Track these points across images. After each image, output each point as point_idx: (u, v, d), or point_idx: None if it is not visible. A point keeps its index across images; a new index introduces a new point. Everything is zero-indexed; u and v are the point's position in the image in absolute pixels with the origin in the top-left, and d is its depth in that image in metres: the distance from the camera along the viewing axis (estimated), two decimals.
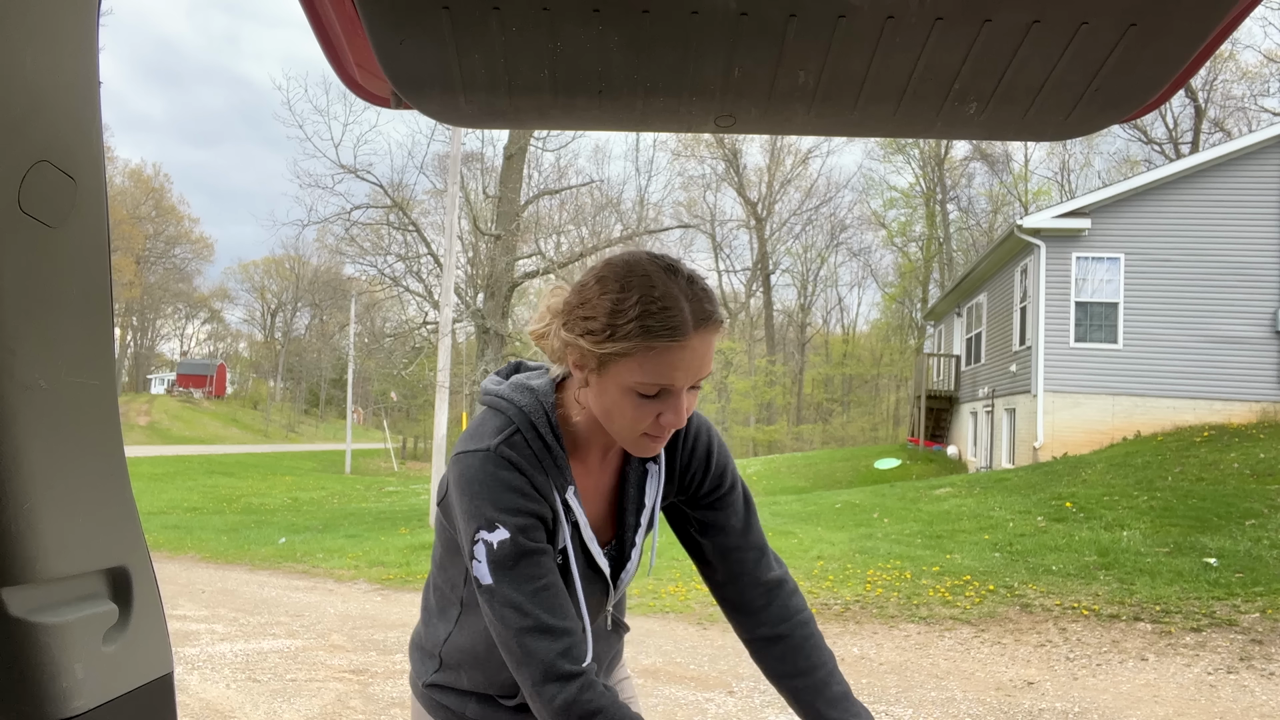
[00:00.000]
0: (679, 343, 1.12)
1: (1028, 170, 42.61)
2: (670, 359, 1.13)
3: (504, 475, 1.19)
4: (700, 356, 1.15)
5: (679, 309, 1.13)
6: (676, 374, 1.14)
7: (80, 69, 0.76)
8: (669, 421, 1.17)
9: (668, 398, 1.16)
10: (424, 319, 19.99)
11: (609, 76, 0.96)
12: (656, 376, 1.13)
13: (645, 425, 1.18)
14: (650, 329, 1.11)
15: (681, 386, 1.16)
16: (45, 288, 0.72)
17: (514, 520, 1.17)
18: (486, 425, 1.24)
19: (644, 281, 1.14)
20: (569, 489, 1.26)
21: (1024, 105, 1.00)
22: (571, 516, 1.27)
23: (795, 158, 46.75)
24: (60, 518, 0.73)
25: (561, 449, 1.25)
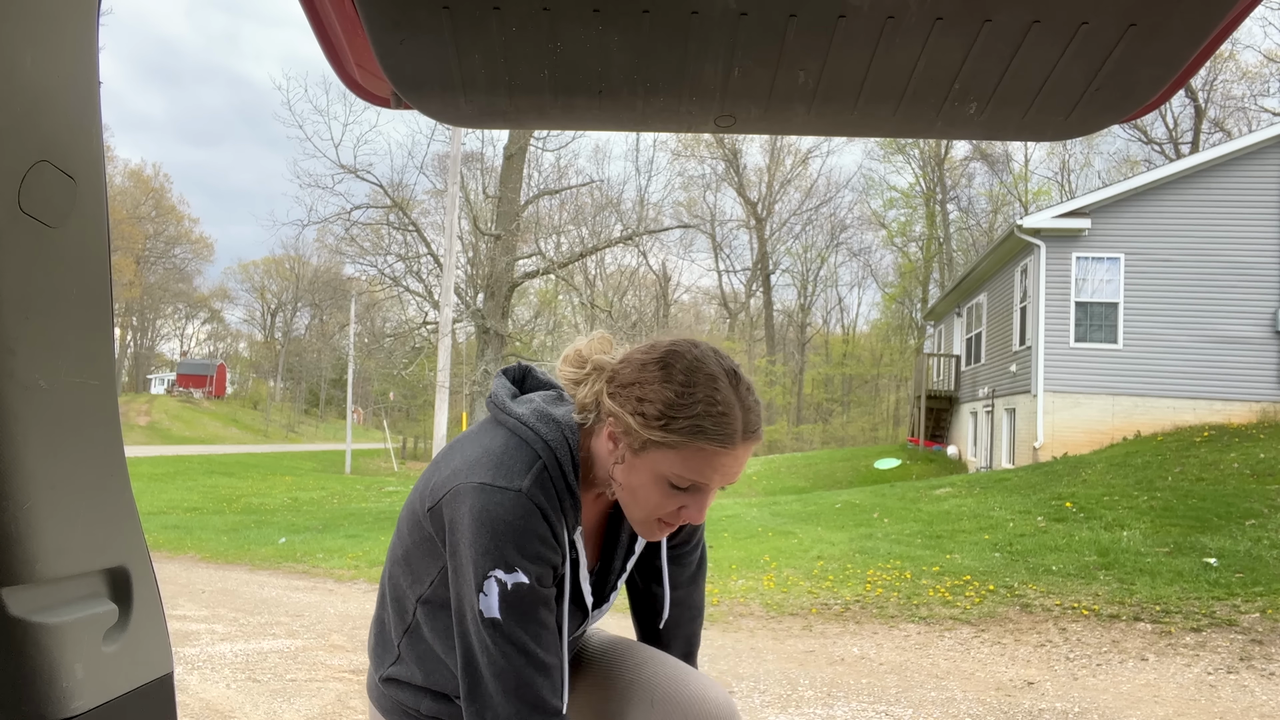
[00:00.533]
0: (727, 449, 1.15)
1: (1028, 170, 42.62)
2: (714, 462, 1.15)
3: (533, 523, 1.18)
4: (739, 464, 1.18)
5: (735, 418, 1.15)
6: (715, 476, 1.16)
7: (80, 69, 0.76)
8: (689, 516, 1.20)
9: (696, 494, 1.18)
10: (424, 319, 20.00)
11: (609, 76, 0.96)
12: (696, 474, 1.15)
13: (665, 514, 1.20)
14: (705, 431, 1.13)
15: (714, 487, 1.19)
16: (45, 288, 0.72)
17: (534, 569, 1.18)
18: (515, 459, 1.21)
19: (709, 384, 1.15)
20: (577, 529, 1.27)
21: (1024, 105, 1.00)
22: (574, 554, 1.29)
23: (795, 158, 46.75)
24: (60, 518, 0.73)
25: (575, 495, 1.25)
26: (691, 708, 1.29)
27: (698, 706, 1.29)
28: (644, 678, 1.38)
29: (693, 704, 1.30)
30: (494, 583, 1.17)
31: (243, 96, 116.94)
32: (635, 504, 1.21)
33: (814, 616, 6.42)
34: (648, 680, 1.37)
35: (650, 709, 1.32)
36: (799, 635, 5.99)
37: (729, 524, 10.54)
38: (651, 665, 1.40)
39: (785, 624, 6.27)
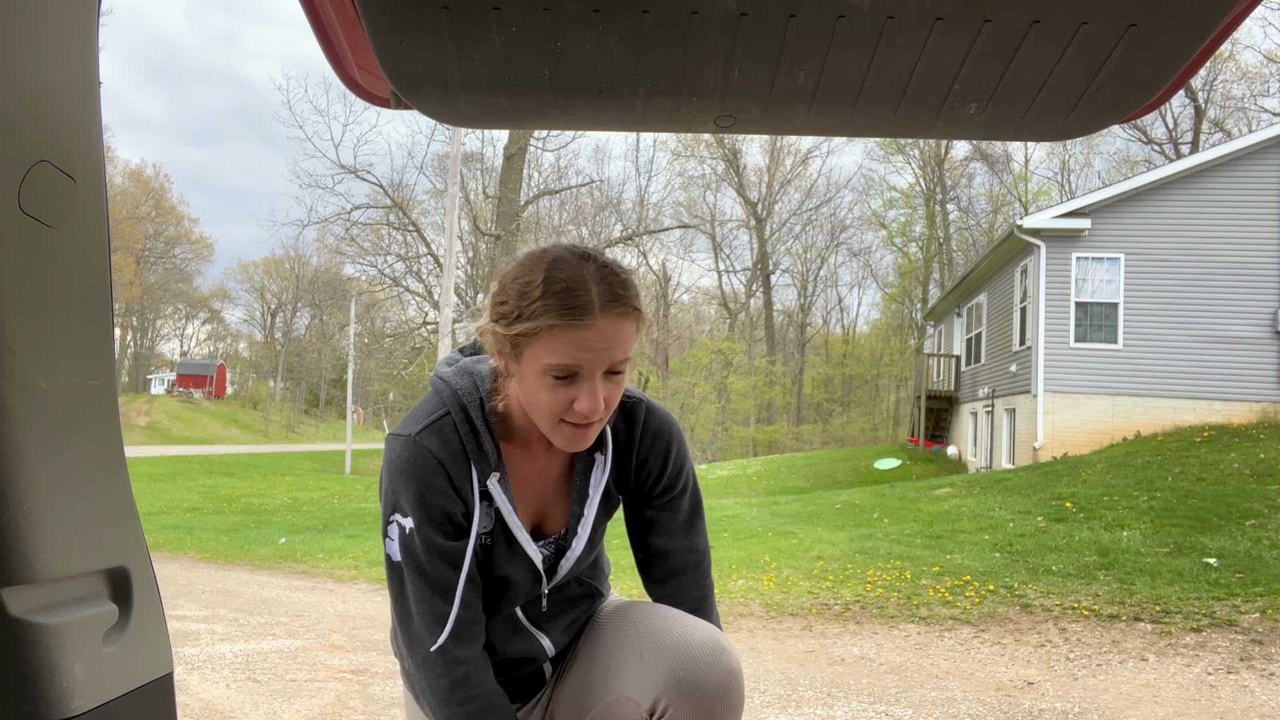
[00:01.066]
0: (583, 322, 1.12)
1: (1028, 170, 42.62)
2: (575, 337, 1.13)
3: (418, 468, 1.23)
4: (609, 338, 1.15)
5: (585, 290, 1.13)
6: (583, 355, 1.14)
7: (80, 69, 0.76)
8: (583, 408, 1.16)
9: (581, 382, 1.16)
10: (424, 319, 20.00)
11: (609, 76, 0.96)
12: (564, 356, 1.14)
13: (561, 411, 1.18)
14: (552, 308, 1.12)
15: (592, 370, 1.16)
16: (45, 288, 0.72)
17: (421, 513, 1.23)
18: (421, 408, 1.29)
19: (553, 265, 1.15)
20: (492, 476, 1.28)
21: (1024, 105, 1.00)
22: (493, 503, 1.29)
23: (795, 158, 46.74)
24: (60, 518, 0.73)
25: (491, 435, 1.27)
26: (674, 653, 1.28)
27: (681, 650, 1.28)
28: (632, 630, 1.38)
29: (675, 649, 1.29)
30: (395, 526, 1.25)
31: (242, 96, 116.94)
32: (534, 411, 1.21)
33: (814, 616, 6.42)
34: (636, 632, 1.37)
35: (640, 660, 1.32)
36: (799, 635, 5.98)
37: (729, 524, 10.54)
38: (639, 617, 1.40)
39: (785, 624, 6.27)
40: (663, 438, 1.41)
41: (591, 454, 1.37)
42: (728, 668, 1.30)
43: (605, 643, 1.42)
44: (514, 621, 1.42)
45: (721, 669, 1.28)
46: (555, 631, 1.45)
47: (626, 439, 1.40)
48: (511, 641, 1.41)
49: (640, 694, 1.30)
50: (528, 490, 1.35)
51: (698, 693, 1.26)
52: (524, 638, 1.42)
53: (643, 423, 1.41)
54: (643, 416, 1.41)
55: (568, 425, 1.20)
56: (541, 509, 1.38)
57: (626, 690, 1.32)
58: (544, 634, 1.44)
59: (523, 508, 1.35)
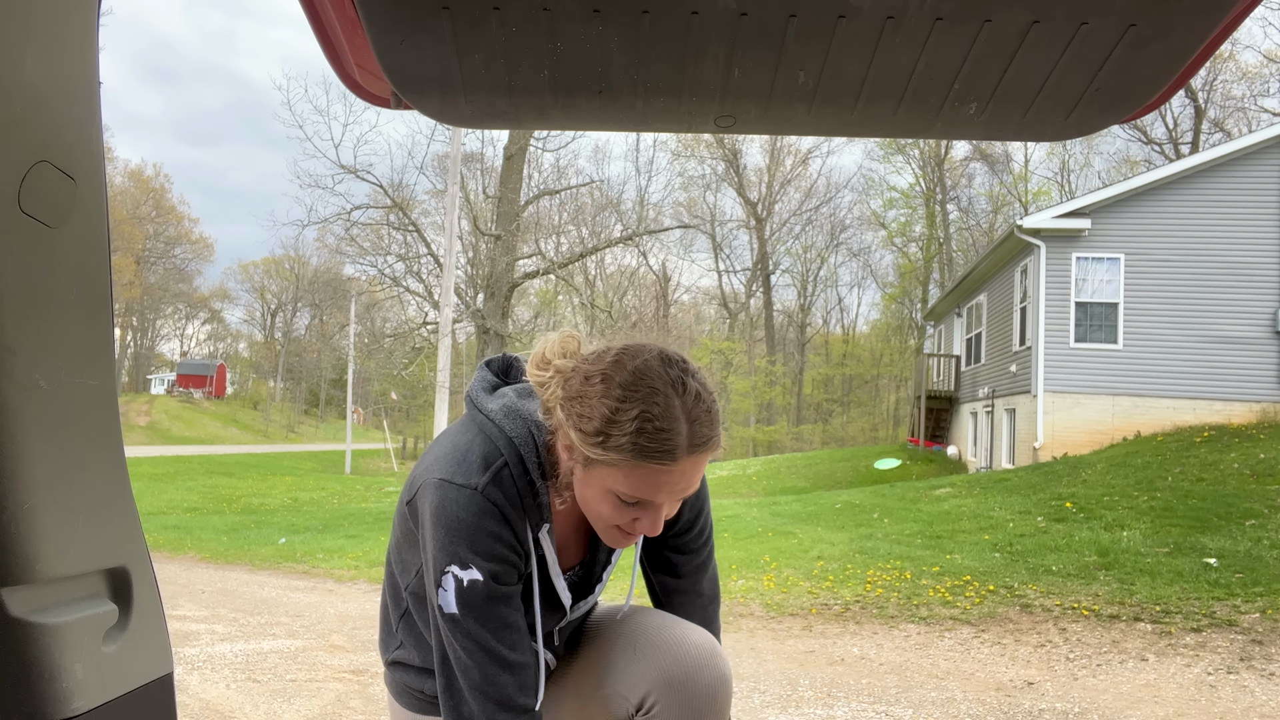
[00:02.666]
0: (667, 467, 1.09)
1: (1028, 170, 42.61)
2: (657, 480, 1.11)
3: (487, 522, 1.18)
4: (688, 478, 1.13)
5: (676, 432, 1.09)
6: (660, 493, 1.12)
7: (80, 69, 0.76)
8: (644, 529, 1.17)
9: (647, 509, 1.15)
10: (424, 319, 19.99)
11: (609, 76, 0.96)
12: (640, 492, 1.12)
13: (620, 523, 1.18)
14: (641, 448, 1.08)
15: (663, 504, 1.15)
16: (45, 288, 0.72)
17: (489, 566, 1.18)
18: (474, 454, 1.22)
19: (649, 398, 1.09)
20: (544, 527, 1.26)
21: (1024, 105, 1.00)
22: (540, 551, 1.28)
23: (795, 158, 46.74)
24: (60, 518, 0.73)
25: (545, 487, 1.24)
26: (668, 650, 1.29)
27: (675, 648, 1.29)
28: (629, 629, 1.39)
29: (669, 646, 1.30)
30: (451, 578, 1.18)
31: (240, 95, 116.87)
32: (590, 514, 1.21)
33: (814, 616, 6.42)
34: (632, 630, 1.38)
35: (634, 655, 1.33)
36: (799, 635, 5.98)
37: (729, 524, 10.54)
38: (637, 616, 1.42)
39: (785, 624, 6.27)
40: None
41: None
42: (719, 671, 1.30)
43: (601, 639, 1.43)
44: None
45: (713, 671, 1.29)
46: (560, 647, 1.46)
47: None
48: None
49: (629, 689, 1.30)
50: (559, 530, 1.35)
51: (686, 692, 1.26)
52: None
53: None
54: None
55: (619, 533, 1.20)
56: (564, 546, 1.38)
57: (616, 685, 1.32)
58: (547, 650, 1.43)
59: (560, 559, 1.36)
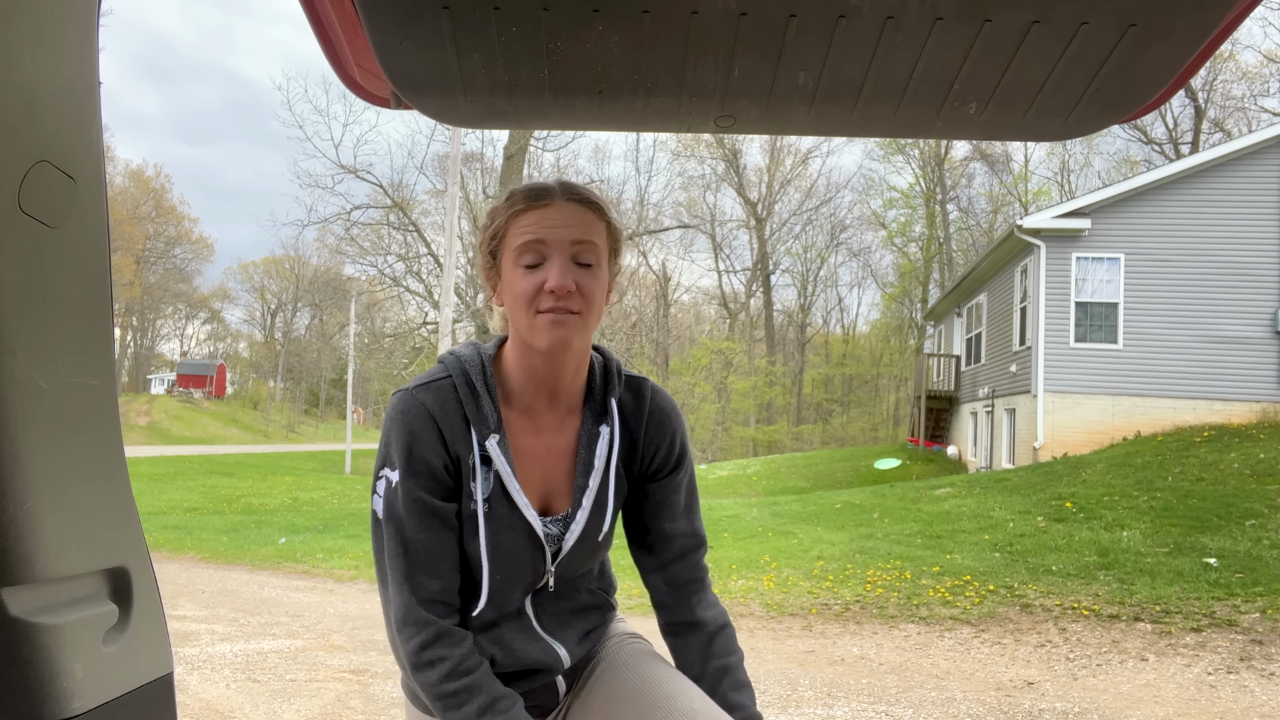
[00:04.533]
0: (542, 203, 1.23)
1: (1028, 170, 42.61)
2: (535, 216, 1.23)
3: (410, 419, 1.25)
4: (569, 217, 1.23)
5: (546, 183, 1.26)
6: (544, 230, 1.22)
7: (80, 69, 0.76)
8: (552, 283, 1.20)
9: (548, 265, 1.22)
10: (424, 319, 19.98)
11: (609, 77, 0.96)
12: (527, 234, 1.22)
13: (535, 297, 1.22)
14: (516, 199, 1.25)
15: (554, 243, 1.22)
16: (45, 288, 0.72)
17: (408, 466, 1.24)
18: (425, 373, 1.33)
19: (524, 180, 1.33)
20: (492, 438, 1.27)
21: (1024, 105, 1.00)
22: (492, 466, 1.28)
23: (795, 158, 46.74)
24: (60, 518, 0.73)
25: (492, 399, 1.29)
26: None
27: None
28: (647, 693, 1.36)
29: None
30: (383, 481, 1.27)
31: (237, 94, 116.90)
32: (515, 307, 1.25)
33: (814, 617, 6.42)
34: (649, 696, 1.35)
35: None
36: (799, 635, 5.98)
37: (729, 524, 10.54)
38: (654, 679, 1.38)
39: (785, 624, 6.27)
40: (671, 417, 1.42)
41: (597, 427, 1.36)
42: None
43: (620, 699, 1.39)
44: (526, 624, 1.38)
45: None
46: (569, 641, 1.42)
47: (634, 415, 1.40)
48: (526, 645, 1.37)
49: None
50: (532, 463, 1.33)
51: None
52: (538, 643, 1.38)
53: (650, 400, 1.41)
54: (649, 394, 1.42)
55: (544, 316, 1.22)
56: (548, 486, 1.35)
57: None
58: (558, 642, 1.40)
59: (526, 480, 1.33)
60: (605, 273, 1.28)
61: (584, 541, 1.36)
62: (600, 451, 1.35)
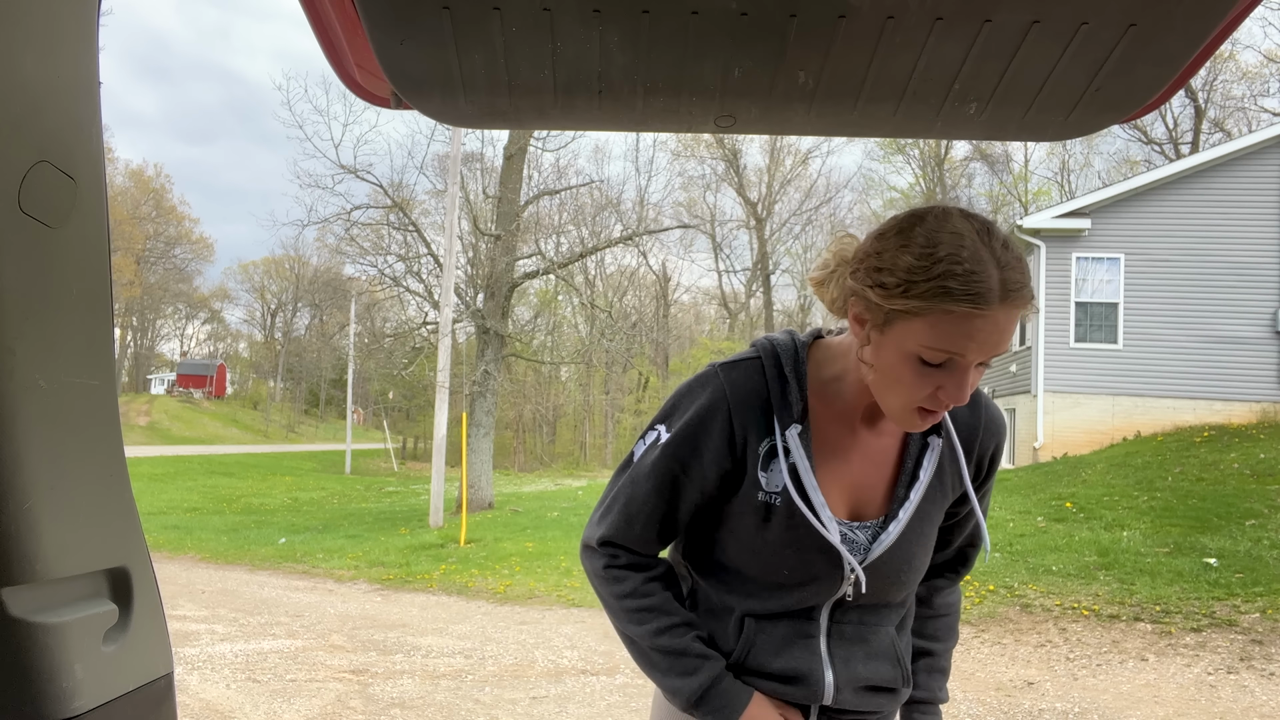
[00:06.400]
0: (980, 311, 1.01)
1: (1028, 170, 42.62)
2: (966, 327, 1.01)
3: (707, 397, 1.20)
4: (1000, 330, 1.03)
5: (988, 275, 1.01)
6: (970, 344, 1.02)
7: (80, 69, 0.76)
8: (948, 397, 1.07)
9: (952, 370, 1.05)
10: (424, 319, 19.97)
11: (609, 77, 0.96)
12: (947, 343, 1.03)
13: (920, 398, 1.08)
14: (951, 291, 1.00)
15: (972, 360, 1.04)
16: (45, 288, 0.72)
17: (679, 437, 1.20)
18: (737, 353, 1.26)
19: (954, 241, 1.02)
20: (794, 428, 1.18)
21: (1024, 105, 1.00)
22: (789, 459, 1.18)
23: (795, 158, 46.72)
24: (60, 518, 0.73)
25: (800, 388, 1.20)
26: None
27: None
28: None
29: None
30: (654, 433, 1.23)
31: (235, 92, 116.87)
32: (887, 388, 1.11)
33: None
34: None
35: None
36: None
37: None
38: None
39: None
40: (1003, 427, 1.31)
41: (926, 438, 1.24)
42: None
43: None
44: (811, 630, 1.24)
45: None
46: (845, 673, 1.24)
47: (969, 425, 1.27)
48: (794, 650, 1.24)
49: None
50: (842, 463, 1.22)
51: None
52: (809, 655, 1.24)
53: (984, 410, 1.29)
54: (984, 404, 1.29)
55: (920, 413, 1.10)
56: (860, 493, 1.23)
57: None
58: (832, 668, 1.24)
59: (830, 478, 1.22)
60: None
61: (896, 556, 1.23)
62: (928, 464, 1.23)
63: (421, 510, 15.86)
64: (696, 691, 1.21)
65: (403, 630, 6.32)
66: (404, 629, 6.37)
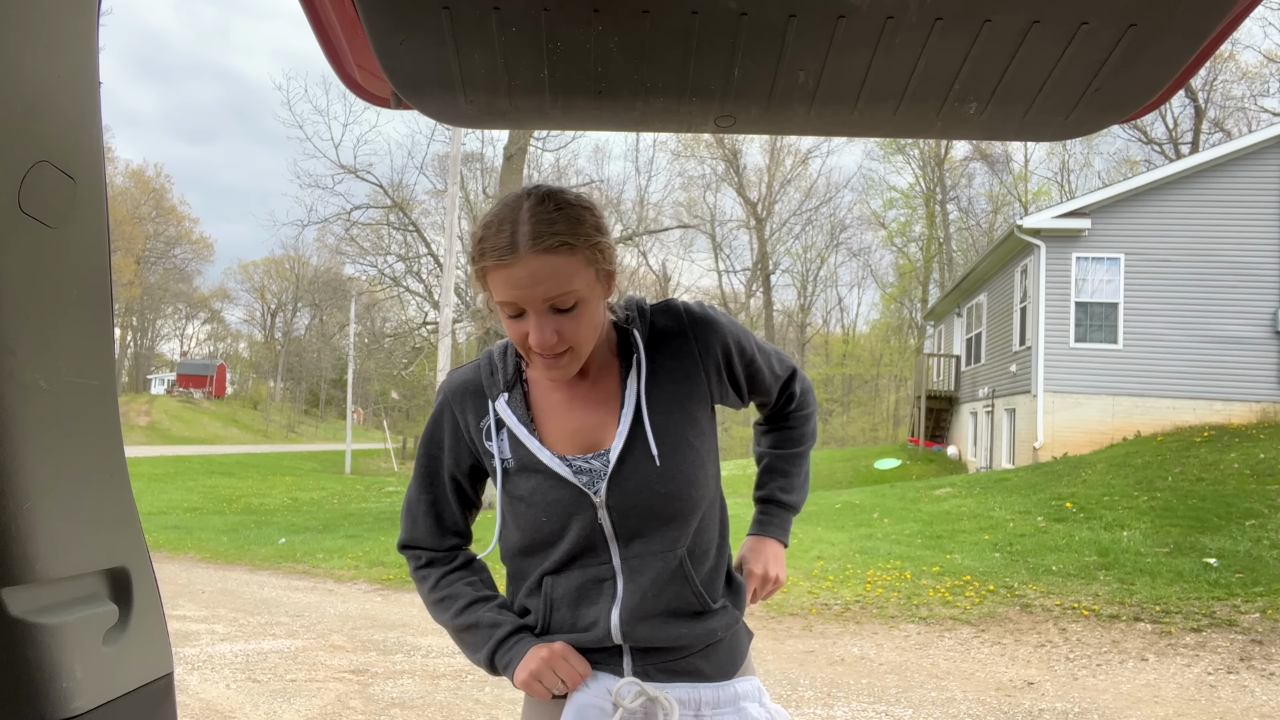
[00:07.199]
0: (506, 263, 1.17)
1: (1028, 170, 42.60)
2: (505, 276, 1.18)
3: (438, 398, 1.41)
4: (535, 275, 1.16)
5: (509, 231, 1.17)
6: (516, 292, 1.18)
7: (80, 69, 0.76)
8: (533, 342, 1.20)
9: (528, 318, 1.20)
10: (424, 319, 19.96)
11: (609, 77, 0.96)
12: (502, 294, 1.19)
13: (523, 344, 1.24)
14: (486, 250, 1.19)
15: (527, 305, 1.19)
16: (45, 288, 0.72)
17: (424, 434, 1.42)
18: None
19: (498, 207, 1.21)
20: (501, 397, 1.34)
21: (1024, 105, 1.00)
22: (503, 425, 1.34)
23: (795, 158, 46.70)
24: (60, 518, 0.73)
25: (506, 366, 1.36)
26: None
27: None
28: None
29: None
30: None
31: (234, 92, 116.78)
32: (512, 342, 1.29)
33: (814, 616, 6.42)
34: None
35: None
36: (799, 635, 5.98)
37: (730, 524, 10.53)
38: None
39: (785, 624, 6.26)
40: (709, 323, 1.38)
41: (627, 369, 1.35)
42: None
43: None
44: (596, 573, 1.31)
45: None
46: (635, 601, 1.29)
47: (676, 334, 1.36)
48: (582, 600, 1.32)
49: None
50: (564, 414, 1.34)
51: None
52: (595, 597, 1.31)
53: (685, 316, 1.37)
54: (683, 310, 1.39)
55: (538, 358, 1.25)
56: (584, 434, 1.33)
57: None
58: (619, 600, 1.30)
59: (555, 429, 1.34)
60: (592, 304, 1.23)
61: (641, 470, 1.29)
62: (630, 387, 1.33)
63: None
64: (487, 655, 1.34)
65: (403, 630, 6.32)
66: (404, 629, 6.37)
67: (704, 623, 1.35)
